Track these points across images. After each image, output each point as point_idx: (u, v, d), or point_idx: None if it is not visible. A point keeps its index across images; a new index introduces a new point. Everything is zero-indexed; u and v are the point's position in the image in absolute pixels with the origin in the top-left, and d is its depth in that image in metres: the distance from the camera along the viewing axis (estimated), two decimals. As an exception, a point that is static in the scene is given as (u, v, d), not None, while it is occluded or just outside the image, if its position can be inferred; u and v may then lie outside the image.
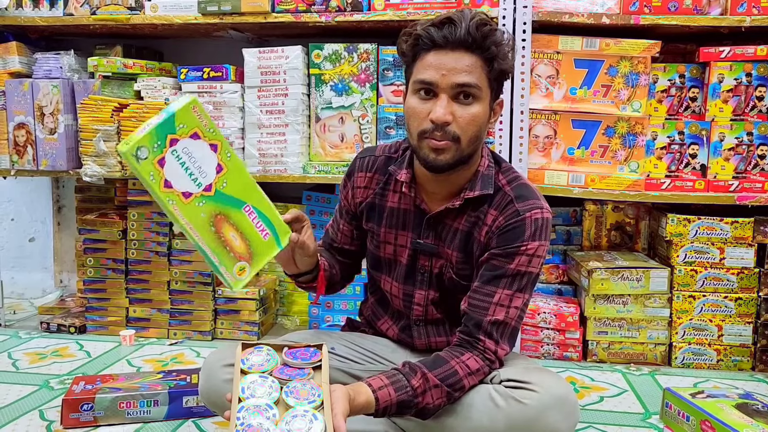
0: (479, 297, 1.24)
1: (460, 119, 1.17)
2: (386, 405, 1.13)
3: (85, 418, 1.55)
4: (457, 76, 1.15)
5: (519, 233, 1.22)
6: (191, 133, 1.07)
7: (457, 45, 1.15)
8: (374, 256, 1.41)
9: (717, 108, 2.01)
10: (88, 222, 2.29)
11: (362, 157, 1.41)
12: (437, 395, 1.17)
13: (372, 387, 1.13)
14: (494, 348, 1.22)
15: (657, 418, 1.65)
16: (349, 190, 1.42)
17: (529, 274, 1.23)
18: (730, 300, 2.00)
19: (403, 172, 1.30)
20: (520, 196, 1.26)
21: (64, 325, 2.28)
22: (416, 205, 1.32)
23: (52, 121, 2.21)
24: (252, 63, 2.11)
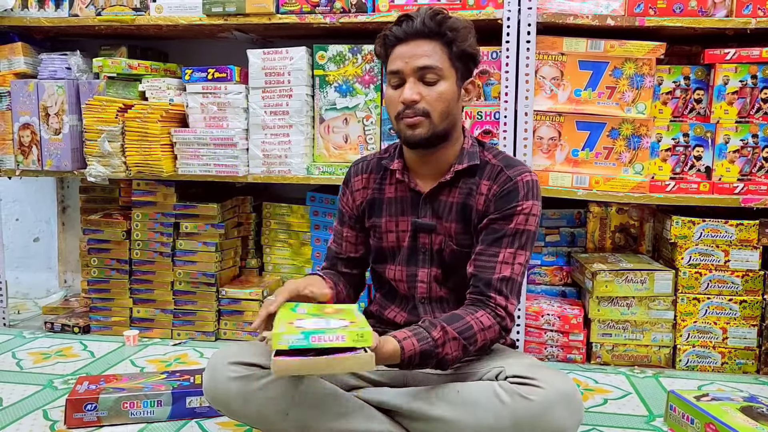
0: (485, 258, 1.32)
1: (428, 96, 1.30)
2: (410, 354, 1.20)
3: (89, 418, 1.56)
4: (417, 60, 1.29)
5: (514, 195, 1.33)
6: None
7: (416, 35, 1.30)
8: (378, 249, 1.47)
9: (722, 110, 2.00)
10: (93, 222, 2.29)
11: (357, 163, 1.52)
12: (455, 347, 1.24)
13: (397, 338, 1.21)
14: (504, 303, 1.30)
15: (661, 421, 1.64)
16: (348, 196, 1.50)
17: (527, 232, 1.33)
18: (734, 303, 1.99)
19: (395, 162, 1.42)
20: (507, 165, 1.38)
21: (68, 325, 2.29)
22: (411, 189, 1.41)
23: (56, 122, 2.21)
24: (256, 64, 2.11)
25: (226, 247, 2.29)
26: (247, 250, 2.43)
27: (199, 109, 2.15)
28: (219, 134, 2.11)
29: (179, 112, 2.17)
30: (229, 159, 2.12)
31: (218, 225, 2.22)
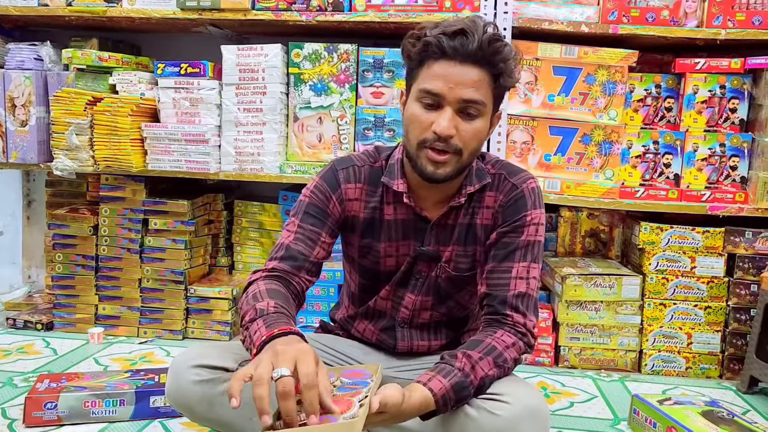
0: (498, 275, 1.24)
1: (464, 133, 1.17)
2: (443, 393, 1.10)
3: (49, 417, 1.52)
4: (464, 90, 1.14)
5: (522, 205, 1.26)
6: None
7: (467, 58, 1.14)
8: (371, 270, 1.36)
9: (691, 119, 2.03)
10: (59, 217, 2.24)
11: (343, 168, 1.33)
12: (487, 366, 1.15)
13: (421, 381, 1.10)
14: (523, 321, 1.22)
15: (626, 424, 1.66)
16: (336, 204, 1.32)
17: (538, 243, 1.26)
18: (699, 308, 2.03)
19: (399, 182, 1.28)
20: (510, 172, 1.30)
21: (31, 321, 2.23)
22: (415, 213, 1.30)
23: (23, 113, 2.16)
24: (230, 60, 2.09)
25: (196, 245, 2.25)
26: (217, 249, 2.40)
27: (171, 104, 2.12)
28: (191, 130, 2.08)
29: (150, 107, 2.14)
30: (200, 155, 2.09)
31: (188, 222, 2.19)
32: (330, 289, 2.16)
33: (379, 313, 1.40)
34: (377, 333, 1.41)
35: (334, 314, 1.52)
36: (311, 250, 1.29)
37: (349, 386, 1.11)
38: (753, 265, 2.00)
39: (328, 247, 1.33)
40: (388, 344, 1.40)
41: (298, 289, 1.28)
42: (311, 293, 2.16)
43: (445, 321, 1.38)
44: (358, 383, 1.12)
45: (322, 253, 1.31)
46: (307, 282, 1.30)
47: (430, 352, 1.39)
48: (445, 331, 1.39)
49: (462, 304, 1.37)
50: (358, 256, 1.37)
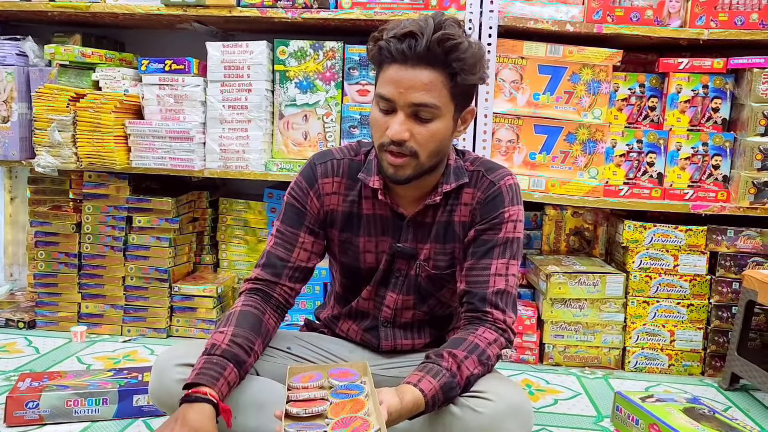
0: (477, 272, 1.25)
1: (418, 136, 1.16)
2: (433, 394, 1.11)
3: (30, 416, 1.51)
4: (413, 95, 1.13)
5: (499, 202, 1.26)
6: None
7: (417, 60, 1.13)
8: (351, 267, 1.36)
9: (674, 118, 2.05)
10: (41, 214, 2.22)
11: (322, 162, 1.33)
12: (472, 365, 1.16)
13: (411, 382, 1.12)
14: (502, 317, 1.22)
15: (609, 422, 1.67)
16: (314, 199, 1.31)
17: (517, 240, 1.27)
18: (682, 306, 2.05)
19: (375, 179, 1.27)
20: (488, 168, 1.30)
21: (13, 319, 2.21)
22: (392, 209, 1.31)
23: (5, 109, 2.14)
24: (216, 57, 2.08)
25: (180, 243, 2.24)
26: (202, 246, 2.39)
27: (156, 101, 2.10)
28: (175, 127, 2.07)
29: (134, 104, 2.12)
30: (185, 153, 2.08)
31: (172, 220, 2.18)
32: (315, 288, 2.15)
33: (362, 314, 1.40)
34: (361, 333, 1.41)
35: (319, 313, 1.52)
36: (290, 253, 1.29)
37: (342, 391, 1.11)
38: (735, 263, 2.02)
39: (311, 246, 1.32)
40: (372, 343, 1.41)
41: (281, 300, 1.29)
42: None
43: (428, 320, 1.38)
44: (350, 387, 1.13)
45: (303, 254, 1.31)
46: (290, 289, 1.31)
47: (415, 350, 1.39)
48: (429, 330, 1.40)
49: (444, 303, 1.37)
50: (339, 252, 1.37)
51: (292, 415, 1.05)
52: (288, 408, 1.06)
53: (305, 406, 1.07)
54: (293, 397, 1.09)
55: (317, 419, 1.05)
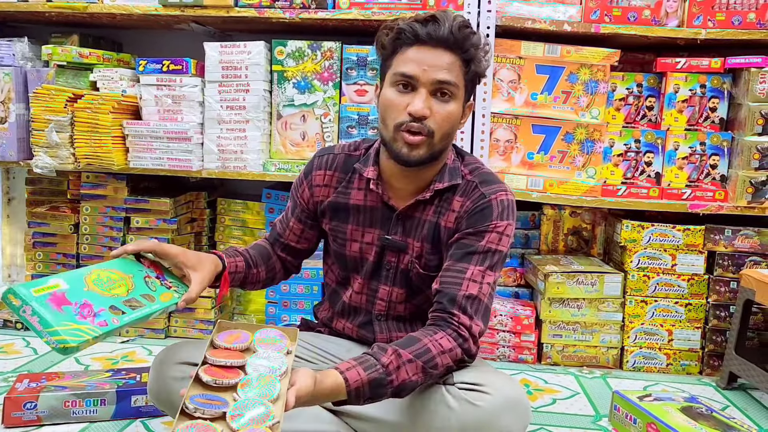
0: (452, 273, 1.24)
1: (437, 114, 1.20)
2: (357, 386, 1.09)
3: (28, 417, 1.50)
4: (437, 72, 1.18)
5: (487, 214, 1.26)
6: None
7: (439, 42, 1.19)
8: (339, 255, 1.40)
9: (672, 117, 2.05)
10: (39, 215, 2.22)
11: (320, 155, 1.40)
12: (412, 370, 1.13)
13: (339, 369, 1.11)
14: (468, 323, 1.20)
15: (607, 421, 1.67)
16: (306, 189, 1.40)
17: (499, 252, 1.25)
18: (680, 305, 2.05)
19: (369, 169, 1.31)
20: (483, 181, 1.30)
21: (11, 320, 2.20)
22: (384, 201, 1.33)
23: (2, 110, 2.13)
24: (213, 57, 2.07)
25: (179, 243, 2.24)
26: (200, 247, 2.39)
27: (153, 102, 2.10)
28: (173, 127, 2.06)
29: (132, 104, 2.12)
30: (183, 153, 2.08)
31: (171, 220, 2.17)
32: (314, 288, 2.15)
33: (355, 310, 1.41)
34: (356, 329, 1.42)
35: (317, 310, 1.53)
36: (284, 230, 1.45)
37: (261, 363, 1.10)
38: (732, 263, 2.03)
39: (299, 232, 1.43)
40: (368, 339, 1.41)
41: (272, 261, 1.43)
42: (295, 291, 2.16)
43: (420, 313, 1.38)
44: (271, 358, 1.12)
45: (291, 236, 1.44)
46: (280, 258, 1.45)
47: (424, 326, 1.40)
48: (423, 322, 1.40)
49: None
50: (331, 241, 1.42)
51: (203, 382, 1.05)
52: (200, 373, 1.05)
53: (218, 374, 1.06)
54: (211, 360, 1.09)
55: (227, 392, 1.04)
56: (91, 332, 1.03)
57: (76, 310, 1.06)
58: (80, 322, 1.04)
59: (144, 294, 1.17)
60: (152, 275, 1.23)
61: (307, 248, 1.46)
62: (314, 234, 1.45)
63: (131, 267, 1.22)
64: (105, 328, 1.06)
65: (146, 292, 1.18)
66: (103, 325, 1.06)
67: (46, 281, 1.09)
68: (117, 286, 1.16)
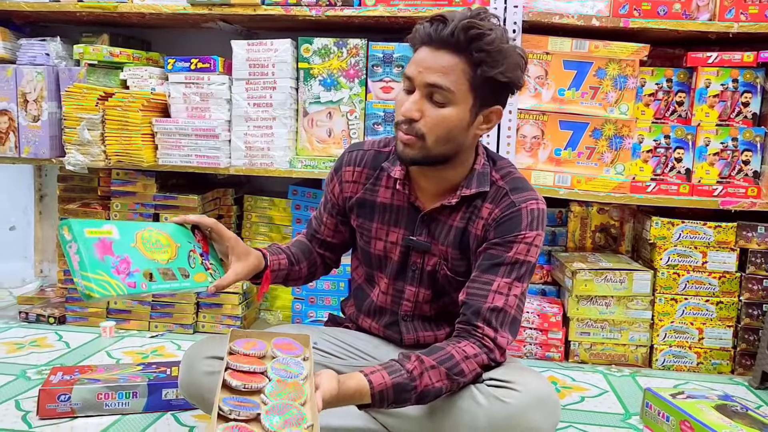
0: (477, 285, 1.23)
1: (428, 118, 1.17)
2: (381, 389, 1.11)
3: (63, 409, 1.53)
4: (429, 75, 1.15)
5: (516, 223, 1.23)
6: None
7: (441, 44, 1.15)
8: (364, 252, 1.40)
9: (703, 113, 2.02)
10: (70, 211, 2.26)
11: (351, 151, 1.40)
12: (436, 377, 1.14)
13: (364, 372, 1.12)
14: (493, 335, 1.19)
15: (637, 419, 1.66)
16: (336, 184, 1.41)
17: (527, 263, 1.23)
18: (711, 303, 2.02)
19: (397, 169, 1.30)
20: (514, 188, 1.27)
21: (44, 315, 2.25)
22: (410, 201, 1.32)
23: (35, 108, 2.17)
24: (241, 55, 2.09)
25: (207, 240, 2.26)
26: (227, 243, 2.41)
27: (182, 99, 2.12)
28: (201, 125, 2.09)
29: (161, 102, 2.15)
30: (210, 150, 2.10)
31: (199, 217, 2.19)
32: (340, 284, 2.16)
33: (381, 310, 1.41)
34: (382, 329, 1.42)
35: (344, 305, 1.53)
36: (319, 226, 1.46)
37: (282, 367, 1.11)
38: (766, 260, 1.99)
39: (333, 227, 1.44)
40: (394, 338, 1.41)
41: (312, 257, 1.45)
42: (322, 287, 2.17)
43: (446, 314, 1.38)
44: (291, 364, 1.13)
45: (327, 231, 1.45)
46: (319, 254, 1.46)
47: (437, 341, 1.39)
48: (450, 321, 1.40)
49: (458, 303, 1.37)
50: (358, 237, 1.42)
51: (232, 387, 1.05)
52: (227, 378, 1.06)
53: (245, 379, 1.07)
54: (233, 366, 1.10)
55: (254, 395, 1.05)
56: (118, 289, 1.08)
57: (115, 264, 1.11)
58: (113, 276, 1.09)
59: (181, 268, 1.20)
60: (198, 251, 1.26)
61: (342, 242, 1.47)
62: (347, 229, 1.45)
63: (182, 237, 1.25)
64: (132, 290, 1.11)
65: (184, 266, 1.21)
66: (131, 285, 1.11)
67: (100, 225, 1.13)
68: (161, 251, 1.19)
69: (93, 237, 1.10)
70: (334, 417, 1.28)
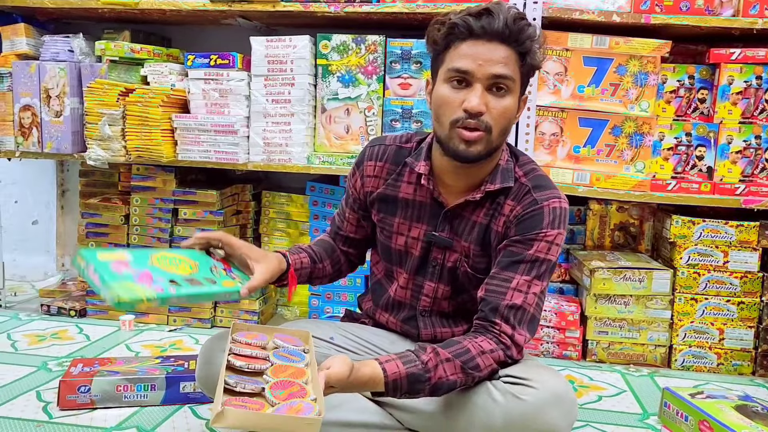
0: (496, 282, 1.23)
1: (494, 110, 1.17)
2: (395, 378, 1.11)
3: (82, 400, 1.55)
4: (493, 67, 1.16)
5: (537, 221, 1.23)
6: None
7: (494, 36, 1.16)
8: (385, 247, 1.40)
9: (726, 110, 1.99)
10: (91, 206, 2.29)
11: (372, 146, 1.40)
12: (450, 370, 1.14)
13: (379, 360, 1.13)
14: (510, 332, 1.19)
15: (655, 419, 1.64)
16: (358, 179, 1.40)
17: (547, 262, 1.23)
18: (732, 304, 1.99)
19: (421, 164, 1.29)
20: (537, 186, 1.26)
21: (65, 308, 2.28)
22: (433, 197, 1.31)
23: (58, 104, 2.20)
24: (259, 51, 2.10)
25: (225, 235, 2.28)
26: (245, 239, 2.43)
27: (201, 95, 2.14)
28: (220, 121, 2.10)
29: (181, 98, 2.16)
30: (229, 146, 2.11)
31: (217, 212, 2.22)
32: (357, 280, 2.16)
33: (399, 305, 1.41)
34: (399, 324, 1.42)
35: (361, 300, 1.53)
36: (342, 222, 1.47)
37: (284, 354, 1.14)
38: (788, 260, 1.96)
39: (355, 222, 1.44)
40: (412, 334, 1.41)
41: (336, 255, 1.46)
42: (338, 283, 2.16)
43: (464, 311, 1.37)
44: (292, 352, 1.16)
45: (349, 227, 1.46)
46: (343, 252, 1.47)
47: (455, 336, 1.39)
48: (467, 318, 1.39)
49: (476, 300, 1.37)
50: (378, 232, 1.41)
51: (235, 367, 1.07)
52: (230, 359, 1.07)
53: (248, 361, 1.09)
54: (236, 351, 1.11)
55: (257, 377, 1.07)
56: (146, 293, 1.07)
57: (136, 276, 1.10)
58: (137, 284, 1.09)
59: (207, 277, 1.19)
60: (219, 267, 1.25)
61: (365, 238, 1.47)
62: (369, 224, 1.45)
63: (199, 257, 1.26)
64: (161, 294, 1.09)
65: (209, 276, 1.20)
66: (159, 290, 1.09)
67: (113, 251, 1.15)
68: (180, 267, 1.19)
69: (107, 259, 1.12)
70: (352, 412, 1.28)
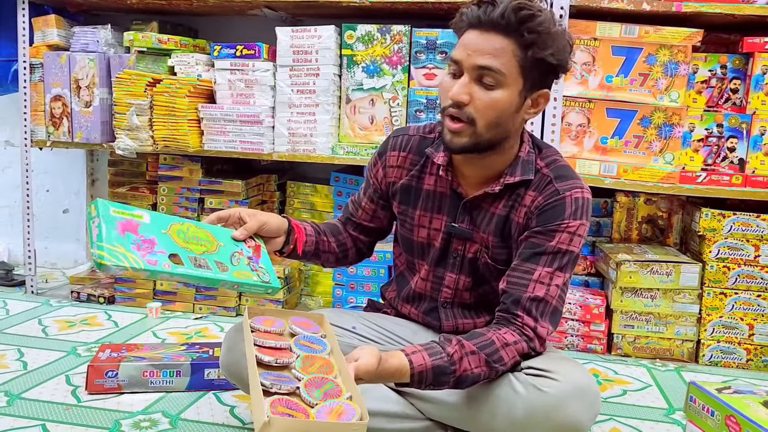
0: (518, 274, 1.22)
1: (478, 101, 1.15)
2: (421, 370, 1.11)
3: (110, 384, 1.58)
4: (479, 57, 1.13)
5: (559, 212, 1.21)
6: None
7: (491, 26, 1.13)
8: (406, 240, 1.39)
9: (759, 101, 1.94)
10: (120, 195, 2.33)
11: (396, 136, 1.39)
12: (475, 362, 1.14)
13: (405, 352, 1.12)
14: (533, 324, 1.18)
15: (681, 414, 1.61)
16: (380, 169, 1.39)
17: (570, 253, 1.21)
18: (763, 299, 1.95)
19: (440, 155, 1.29)
20: (559, 176, 1.25)
21: (94, 295, 2.33)
22: (452, 188, 1.31)
23: (87, 94, 2.24)
24: (285, 42, 2.11)
25: (250, 225, 2.30)
26: (270, 229, 2.44)
27: (227, 86, 2.16)
28: (245, 111, 2.11)
29: (207, 88, 2.18)
30: (254, 136, 2.13)
31: (242, 202, 2.24)
32: (380, 270, 2.17)
33: (420, 296, 1.41)
34: (421, 316, 1.42)
35: (384, 291, 1.53)
36: (356, 210, 1.45)
37: (305, 343, 1.13)
38: (822, 255, 1.91)
39: (372, 212, 1.43)
40: (434, 325, 1.41)
41: (345, 241, 1.44)
42: (362, 273, 2.18)
43: (486, 302, 1.37)
44: (313, 340, 1.14)
45: (364, 215, 1.44)
46: (351, 236, 1.45)
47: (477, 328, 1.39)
48: (489, 309, 1.38)
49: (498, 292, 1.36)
50: (399, 224, 1.41)
51: (264, 362, 1.06)
52: (258, 354, 1.06)
53: (274, 354, 1.08)
54: (260, 342, 1.10)
55: (285, 370, 1.06)
56: (134, 262, 1.02)
57: (137, 241, 1.05)
58: (131, 251, 1.03)
59: (218, 262, 1.14)
60: (246, 254, 1.20)
61: (379, 228, 1.46)
62: (386, 215, 1.44)
63: (228, 239, 1.20)
64: (151, 267, 1.04)
65: (224, 262, 1.15)
66: (151, 263, 1.04)
67: (132, 209, 1.11)
68: (198, 244, 1.14)
69: (118, 216, 1.07)
70: (373, 401, 1.29)
